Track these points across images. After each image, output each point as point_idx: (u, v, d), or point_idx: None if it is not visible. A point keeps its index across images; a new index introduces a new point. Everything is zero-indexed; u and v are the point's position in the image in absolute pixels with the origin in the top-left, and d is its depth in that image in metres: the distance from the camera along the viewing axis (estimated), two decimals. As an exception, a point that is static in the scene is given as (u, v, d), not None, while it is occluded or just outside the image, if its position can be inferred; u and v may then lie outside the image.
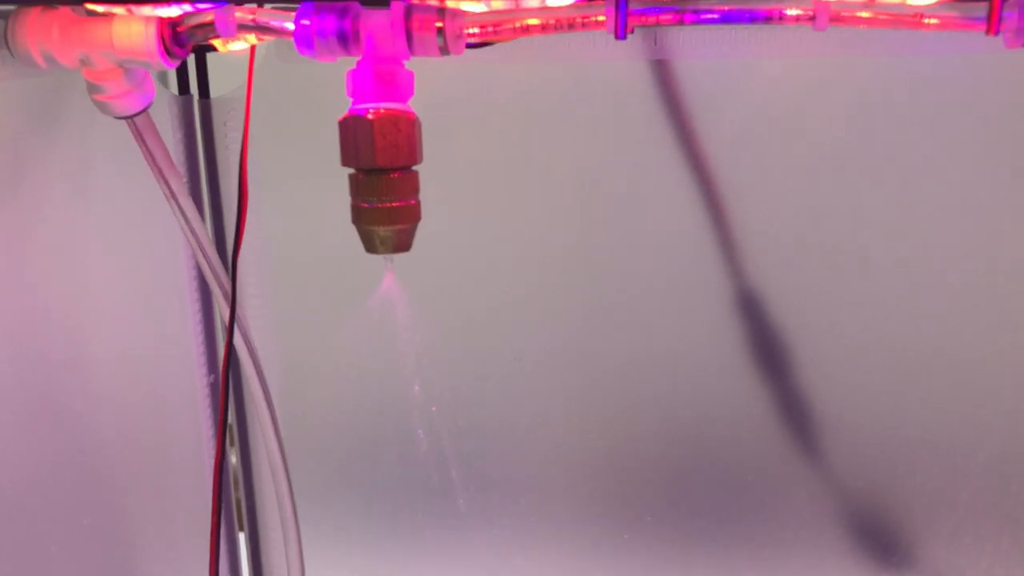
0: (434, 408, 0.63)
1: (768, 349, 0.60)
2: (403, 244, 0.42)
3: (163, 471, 0.62)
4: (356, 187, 0.42)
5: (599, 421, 0.64)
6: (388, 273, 0.45)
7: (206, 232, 0.52)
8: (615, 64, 0.57)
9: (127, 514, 0.58)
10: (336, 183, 0.43)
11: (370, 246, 0.42)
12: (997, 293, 0.58)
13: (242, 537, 0.71)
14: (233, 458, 0.70)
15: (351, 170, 0.42)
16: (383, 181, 0.41)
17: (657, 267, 0.61)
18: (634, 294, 0.62)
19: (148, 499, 0.60)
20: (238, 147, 0.57)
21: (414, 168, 0.42)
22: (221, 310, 0.55)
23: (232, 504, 0.71)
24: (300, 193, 0.63)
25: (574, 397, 0.64)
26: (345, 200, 0.43)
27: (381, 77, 0.41)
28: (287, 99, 0.59)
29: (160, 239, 0.60)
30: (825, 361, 0.60)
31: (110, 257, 0.56)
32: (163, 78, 0.63)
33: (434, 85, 0.46)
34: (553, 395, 0.64)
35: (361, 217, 0.42)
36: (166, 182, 0.49)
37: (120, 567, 0.57)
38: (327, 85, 0.46)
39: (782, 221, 0.59)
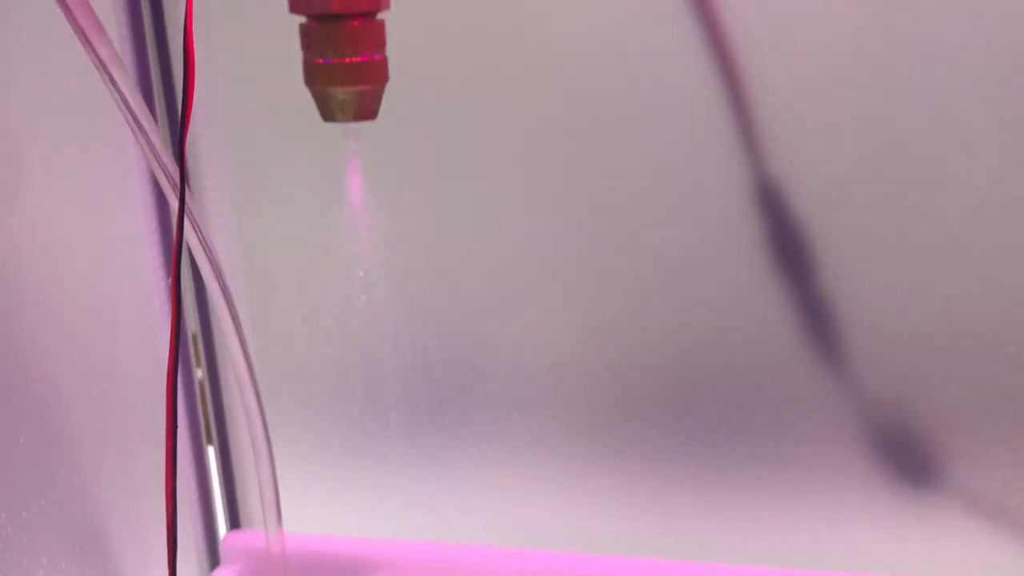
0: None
1: (788, 246, 0.55)
2: (367, 110, 0.35)
3: (116, 385, 0.56)
4: (308, 39, 0.35)
5: (600, 326, 0.58)
6: (352, 148, 0.38)
7: (144, 108, 0.45)
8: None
9: (73, 432, 0.52)
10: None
11: (327, 112, 0.35)
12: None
13: (211, 451, 0.67)
14: (199, 370, 0.65)
15: (302, 19, 0.35)
16: (341, 30, 0.34)
17: (665, 153, 0.54)
18: (640, 184, 0.55)
19: (99, 415, 0.54)
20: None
21: (379, 16, 0.35)
22: (172, 202, 0.49)
23: (199, 417, 0.66)
24: (265, 59, 0.55)
25: (572, 299, 0.58)
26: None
27: (335, -102, 0.33)
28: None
29: (104, 121, 0.53)
30: (852, 260, 0.55)
31: (43, 142, 0.49)
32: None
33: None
34: (549, 297, 0.59)
35: (315, 76, 0.35)
36: (91, 46, 0.42)
37: (65, 489, 0.51)
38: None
39: (808, 101, 0.52)
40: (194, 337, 0.64)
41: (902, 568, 0.59)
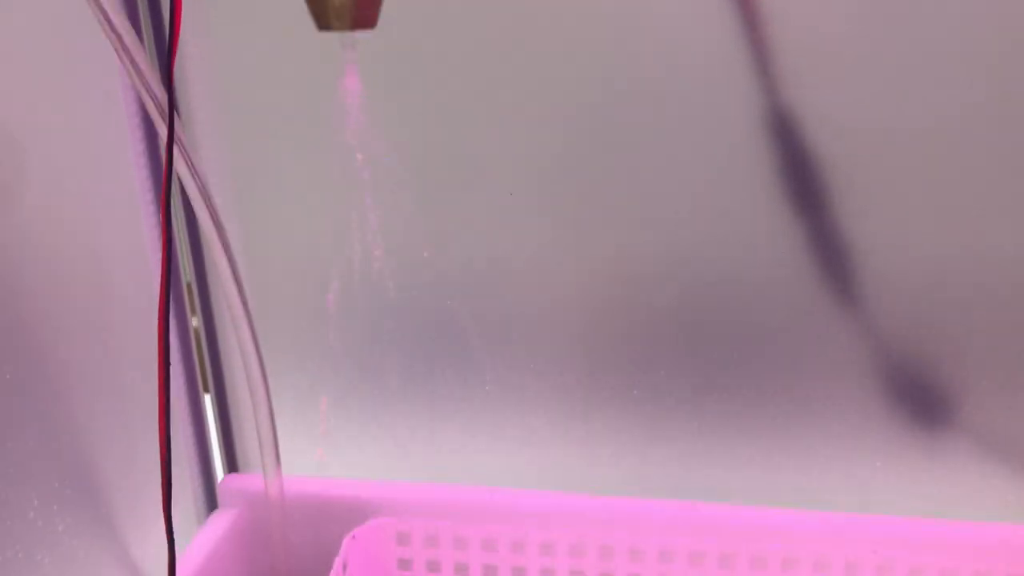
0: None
1: (802, 178, 0.53)
2: (365, 17, 0.33)
3: (110, 326, 0.54)
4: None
5: (605, 261, 0.57)
6: (349, 67, 0.36)
7: (132, 34, 0.43)
8: None
9: (64, 373, 0.50)
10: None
11: (322, 19, 0.33)
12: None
13: (208, 399, 0.65)
14: (195, 317, 0.63)
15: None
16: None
17: (675, 79, 0.52)
18: (647, 112, 0.53)
19: (90, 357, 0.53)
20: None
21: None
22: (161, 134, 0.47)
23: (195, 362, 0.64)
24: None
25: (576, 232, 0.56)
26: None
27: None
28: None
29: (90, 47, 0.51)
30: (867, 192, 0.53)
31: (25, 69, 0.47)
32: None
33: None
34: (552, 230, 0.57)
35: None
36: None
37: (56, 430, 0.49)
38: None
39: (825, 25, 0.50)
40: (188, 286, 0.63)
41: (914, 508, 0.58)
